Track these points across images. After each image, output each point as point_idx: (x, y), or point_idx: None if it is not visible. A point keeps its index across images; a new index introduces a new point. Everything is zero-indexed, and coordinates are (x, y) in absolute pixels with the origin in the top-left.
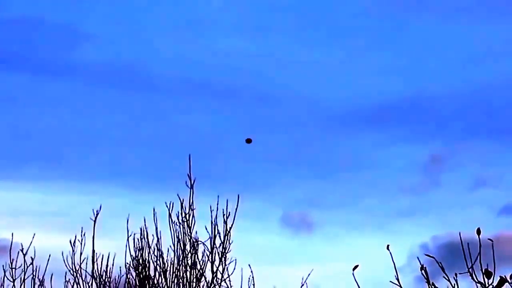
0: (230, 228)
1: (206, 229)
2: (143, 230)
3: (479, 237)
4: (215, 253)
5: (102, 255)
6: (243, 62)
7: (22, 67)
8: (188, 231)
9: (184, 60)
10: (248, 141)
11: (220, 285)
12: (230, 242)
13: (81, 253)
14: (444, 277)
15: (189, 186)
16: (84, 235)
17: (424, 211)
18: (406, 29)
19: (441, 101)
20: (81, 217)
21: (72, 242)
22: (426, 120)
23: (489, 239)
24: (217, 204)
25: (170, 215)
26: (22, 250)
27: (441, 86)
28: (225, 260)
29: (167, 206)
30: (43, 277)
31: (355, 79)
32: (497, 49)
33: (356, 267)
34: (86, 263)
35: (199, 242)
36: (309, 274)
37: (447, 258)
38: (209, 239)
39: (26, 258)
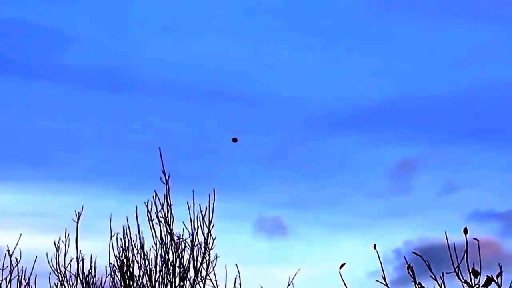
0: (210, 222)
1: (184, 225)
2: (126, 230)
3: (466, 236)
4: (197, 250)
5: (84, 256)
6: (228, 64)
7: (8, 69)
8: (168, 228)
9: (170, 63)
10: (234, 140)
11: (205, 282)
12: (213, 238)
13: (65, 254)
14: (431, 276)
15: (164, 182)
16: (68, 236)
17: (396, 215)
18: (391, 32)
19: (425, 103)
20: (66, 218)
21: (56, 243)
22: (410, 122)
23: (474, 238)
24: (193, 199)
25: (149, 214)
26: (8, 251)
27: (425, 88)
28: (209, 257)
29: (146, 204)
30: (29, 278)
31: (340, 81)
32: (481, 52)
33: (343, 265)
34: (71, 264)
35: (180, 240)
36: (295, 274)
37: (420, 262)
38: (189, 236)
39: (11, 259)
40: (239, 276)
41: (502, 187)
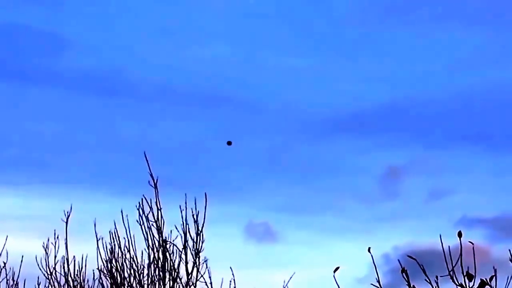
0: (202, 226)
1: (176, 228)
2: (114, 233)
3: (460, 239)
4: (188, 253)
5: (75, 257)
6: (223, 69)
7: (2, 74)
8: (158, 231)
9: (163, 67)
10: (229, 143)
11: (195, 285)
12: (203, 241)
13: (55, 256)
14: (425, 279)
15: (153, 185)
16: (57, 237)
17: (385, 220)
18: (384, 37)
19: (419, 108)
20: (54, 221)
21: (45, 245)
22: (403, 127)
23: (469, 241)
24: (185, 203)
25: (140, 217)
26: None
27: (421, 92)
28: (199, 259)
29: (137, 208)
30: (17, 280)
31: (333, 86)
32: (474, 57)
33: (337, 269)
34: (60, 266)
35: (170, 243)
36: (291, 277)
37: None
38: (181, 239)
39: None
40: (234, 280)
41: (492, 192)
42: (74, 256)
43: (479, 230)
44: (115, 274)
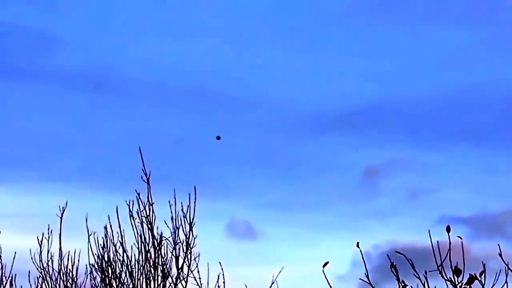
0: (192, 221)
1: (165, 223)
2: (107, 229)
3: (448, 235)
4: (178, 249)
5: (69, 252)
6: (213, 65)
7: None
8: (150, 227)
9: (154, 64)
10: (218, 138)
11: (187, 280)
12: (194, 236)
13: (48, 251)
14: (414, 274)
15: (145, 180)
16: (51, 232)
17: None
18: (375, 34)
19: (409, 105)
20: (48, 218)
21: (40, 239)
22: (394, 124)
23: (458, 236)
24: (175, 198)
25: (131, 212)
26: None
27: (411, 90)
28: (190, 255)
29: (127, 203)
30: (10, 274)
31: (324, 83)
32: (463, 55)
33: (326, 264)
34: (52, 261)
35: (162, 238)
36: (279, 272)
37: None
38: (171, 235)
39: None
40: (223, 274)
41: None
42: (68, 251)
43: (459, 228)
44: (107, 269)
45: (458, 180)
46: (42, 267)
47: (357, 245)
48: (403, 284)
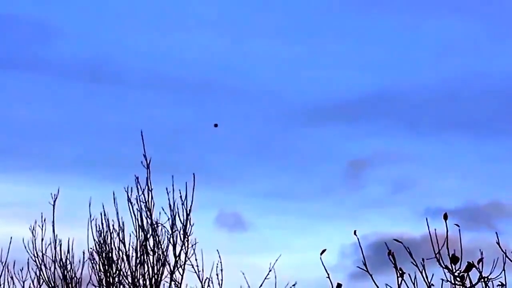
0: (190, 208)
1: (163, 209)
2: (104, 214)
3: (446, 222)
4: (176, 236)
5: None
6: (210, 56)
7: None
8: (148, 213)
9: (152, 54)
10: (215, 125)
11: (184, 267)
12: (192, 224)
13: (42, 239)
14: (412, 262)
15: (145, 166)
16: (44, 220)
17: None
18: (371, 24)
19: (406, 95)
20: (41, 207)
21: (33, 227)
22: (390, 114)
23: (455, 224)
24: (172, 185)
25: (129, 198)
26: None
27: (406, 80)
28: (187, 242)
29: (125, 190)
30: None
31: (321, 73)
32: (461, 44)
33: (323, 251)
34: (46, 249)
35: (159, 224)
36: (277, 260)
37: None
38: (168, 220)
39: None
40: (220, 262)
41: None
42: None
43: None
44: (105, 254)
45: (447, 170)
46: (36, 255)
47: (354, 233)
48: (400, 272)
